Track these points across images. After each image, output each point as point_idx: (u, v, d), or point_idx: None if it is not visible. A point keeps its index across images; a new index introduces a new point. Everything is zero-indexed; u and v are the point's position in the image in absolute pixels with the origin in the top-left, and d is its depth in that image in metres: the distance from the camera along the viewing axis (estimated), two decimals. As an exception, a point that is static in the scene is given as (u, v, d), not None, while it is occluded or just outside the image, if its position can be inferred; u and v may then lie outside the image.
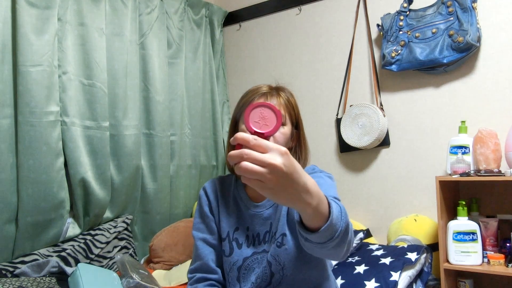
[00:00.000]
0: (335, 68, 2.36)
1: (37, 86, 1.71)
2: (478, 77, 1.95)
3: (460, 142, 1.81)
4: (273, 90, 1.13)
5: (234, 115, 1.16)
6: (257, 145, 0.63)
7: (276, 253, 1.06)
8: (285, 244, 1.06)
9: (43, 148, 1.73)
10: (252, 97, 1.11)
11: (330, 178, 1.12)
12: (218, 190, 1.19)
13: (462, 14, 1.88)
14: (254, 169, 0.62)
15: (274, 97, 1.11)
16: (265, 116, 0.71)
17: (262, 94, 1.11)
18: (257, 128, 0.71)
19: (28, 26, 1.69)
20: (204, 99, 2.60)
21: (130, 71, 2.13)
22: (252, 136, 0.64)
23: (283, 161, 0.63)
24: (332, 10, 2.38)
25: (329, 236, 0.75)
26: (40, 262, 1.63)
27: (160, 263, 2.05)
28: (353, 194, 2.29)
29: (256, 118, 0.71)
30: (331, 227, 0.74)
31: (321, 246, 0.78)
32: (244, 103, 1.12)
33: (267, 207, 1.12)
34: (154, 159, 2.26)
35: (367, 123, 2.10)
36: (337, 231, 0.76)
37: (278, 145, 0.64)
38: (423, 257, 1.77)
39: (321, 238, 0.76)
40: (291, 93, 1.17)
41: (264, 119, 0.71)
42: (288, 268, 1.05)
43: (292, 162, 0.65)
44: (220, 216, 1.16)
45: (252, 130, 0.70)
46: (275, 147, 0.64)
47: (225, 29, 2.83)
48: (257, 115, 0.71)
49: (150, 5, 2.28)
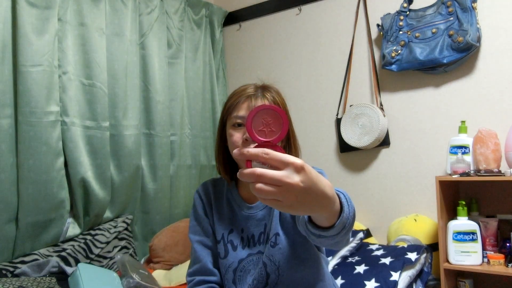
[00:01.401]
0: (335, 68, 2.36)
1: (37, 86, 1.71)
2: (478, 77, 1.95)
3: (460, 142, 1.81)
4: (258, 91, 1.09)
5: (221, 118, 1.13)
6: (271, 159, 0.59)
7: (271, 253, 1.06)
8: (278, 243, 1.06)
9: (43, 148, 1.73)
10: (237, 100, 1.08)
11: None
12: (211, 193, 1.18)
13: (462, 14, 1.88)
14: (270, 191, 0.58)
15: (259, 98, 1.07)
16: (268, 121, 0.64)
17: (247, 97, 1.07)
18: (263, 137, 0.64)
19: (28, 26, 1.69)
20: (204, 99, 2.60)
21: (130, 71, 2.13)
22: (262, 150, 0.59)
23: (301, 178, 0.59)
24: (332, 10, 2.39)
25: (341, 227, 0.75)
26: (40, 262, 1.63)
27: (160, 263, 2.05)
28: (353, 194, 2.29)
29: (260, 125, 0.64)
30: (342, 220, 0.74)
31: (333, 238, 0.77)
32: (229, 106, 1.09)
33: (260, 208, 1.12)
34: (154, 159, 2.26)
35: (367, 123, 2.10)
36: (348, 220, 0.75)
37: (294, 158, 0.59)
38: (423, 257, 1.77)
39: (335, 231, 0.75)
40: (277, 91, 1.13)
41: (268, 125, 0.64)
42: (283, 268, 1.05)
43: (310, 176, 0.60)
44: (214, 218, 1.16)
45: (259, 140, 0.64)
46: (290, 162, 0.58)
47: (225, 29, 2.83)
48: (260, 122, 0.64)
49: (150, 5, 2.28)
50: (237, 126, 1.06)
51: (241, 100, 1.07)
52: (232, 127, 1.07)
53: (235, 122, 1.06)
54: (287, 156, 0.59)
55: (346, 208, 0.75)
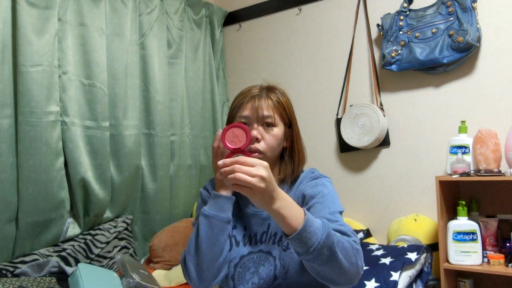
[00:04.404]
0: (335, 68, 2.36)
1: (37, 86, 1.71)
2: (478, 77, 1.95)
3: (460, 142, 1.81)
4: (262, 92, 1.13)
5: (227, 118, 1.18)
6: (244, 162, 0.81)
7: (281, 256, 1.07)
8: (290, 248, 1.06)
9: (43, 148, 1.73)
10: (242, 100, 1.12)
11: (331, 183, 1.13)
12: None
13: (462, 14, 1.88)
14: (246, 179, 0.79)
15: (263, 98, 1.11)
16: (237, 134, 0.89)
17: (251, 97, 1.11)
18: (233, 145, 0.89)
19: (28, 26, 1.69)
20: (204, 99, 2.60)
21: (130, 71, 2.13)
22: (239, 157, 0.82)
23: (267, 172, 0.82)
24: (332, 10, 2.38)
25: (305, 245, 0.84)
26: (40, 262, 1.63)
27: (160, 263, 2.05)
28: (353, 194, 2.29)
29: (230, 138, 0.89)
30: (304, 235, 0.84)
31: (304, 258, 0.88)
32: (234, 106, 1.13)
33: None
34: (154, 159, 2.26)
35: (367, 123, 2.10)
36: (315, 242, 0.84)
37: (261, 161, 0.83)
38: (423, 257, 1.77)
39: (296, 245, 0.86)
40: (282, 92, 1.17)
41: (236, 137, 0.89)
42: (291, 272, 1.06)
43: (271, 173, 0.83)
44: None
45: (230, 148, 0.89)
46: (258, 162, 0.82)
47: (225, 29, 2.83)
48: (231, 135, 0.89)
49: (150, 5, 2.28)
50: None
51: (245, 100, 1.11)
52: None
53: (240, 121, 1.10)
54: (256, 159, 0.83)
55: (314, 226, 0.85)
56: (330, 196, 1.06)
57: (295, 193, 1.12)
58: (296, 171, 1.15)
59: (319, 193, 1.06)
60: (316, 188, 1.08)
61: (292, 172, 1.14)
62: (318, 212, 1.00)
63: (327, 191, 1.07)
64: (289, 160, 1.15)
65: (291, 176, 1.14)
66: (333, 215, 0.99)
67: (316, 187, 1.08)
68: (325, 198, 1.04)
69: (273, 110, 1.11)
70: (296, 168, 1.15)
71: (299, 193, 1.11)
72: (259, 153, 1.08)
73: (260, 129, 1.09)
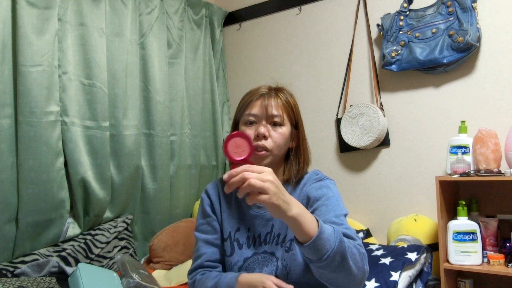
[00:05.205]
0: (335, 68, 2.36)
1: (37, 86, 1.70)
2: (478, 77, 1.95)
3: (460, 142, 1.81)
4: (271, 91, 1.15)
5: (235, 116, 1.19)
6: (253, 169, 0.81)
7: (284, 258, 1.07)
8: (293, 249, 1.07)
9: (43, 148, 1.73)
10: (251, 98, 1.13)
11: (335, 185, 1.14)
12: (220, 191, 1.20)
13: (462, 14, 1.88)
14: (261, 184, 0.79)
15: (272, 98, 1.12)
16: (239, 144, 0.86)
17: (260, 95, 1.13)
18: (237, 157, 0.86)
19: (28, 26, 1.69)
20: (204, 99, 2.60)
21: (130, 71, 2.13)
22: (246, 166, 0.82)
23: (274, 177, 0.83)
24: (332, 10, 2.38)
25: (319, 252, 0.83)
26: (40, 262, 1.63)
27: (160, 263, 2.05)
28: (353, 194, 2.29)
29: (234, 149, 0.86)
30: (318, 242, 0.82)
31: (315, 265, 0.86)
32: (243, 104, 1.15)
33: None
34: (154, 159, 2.26)
35: (367, 123, 2.10)
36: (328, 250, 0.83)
37: (264, 167, 0.84)
38: (423, 257, 1.77)
39: (310, 253, 0.84)
40: (290, 93, 1.19)
41: (239, 147, 0.86)
42: (292, 273, 1.06)
43: (277, 178, 0.84)
44: (223, 216, 1.17)
45: (235, 160, 0.86)
46: (265, 169, 0.83)
47: (225, 29, 2.83)
48: (233, 146, 0.86)
49: (150, 5, 2.28)
50: (249, 124, 1.12)
51: (254, 98, 1.13)
52: (244, 125, 1.13)
53: (248, 119, 1.12)
54: (262, 167, 0.83)
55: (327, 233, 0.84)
56: (334, 198, 1.06)
57: (299, 194, 1.13)
58: (301, 172, 1.16)
59: (324, 195, 1.06)
60: (321, 191, 1.08)
61: (297, 172, 1.15)
62: (323, 214, 1.00)
63: (332, 193, 1.08)
64: (295, 161, 1.16)
65: (296, 176, 1.15)
66: (338, 218, 0.99)
67: (321, 189, 1.09)
68: (330, 201, 1.05)
69: (282, 110, 1.12)
70: (301, 169, 1.16)
71: (303, 194, 1.12)
72: (266, 151, 1.08)
73: (268, 127, 1.10)
